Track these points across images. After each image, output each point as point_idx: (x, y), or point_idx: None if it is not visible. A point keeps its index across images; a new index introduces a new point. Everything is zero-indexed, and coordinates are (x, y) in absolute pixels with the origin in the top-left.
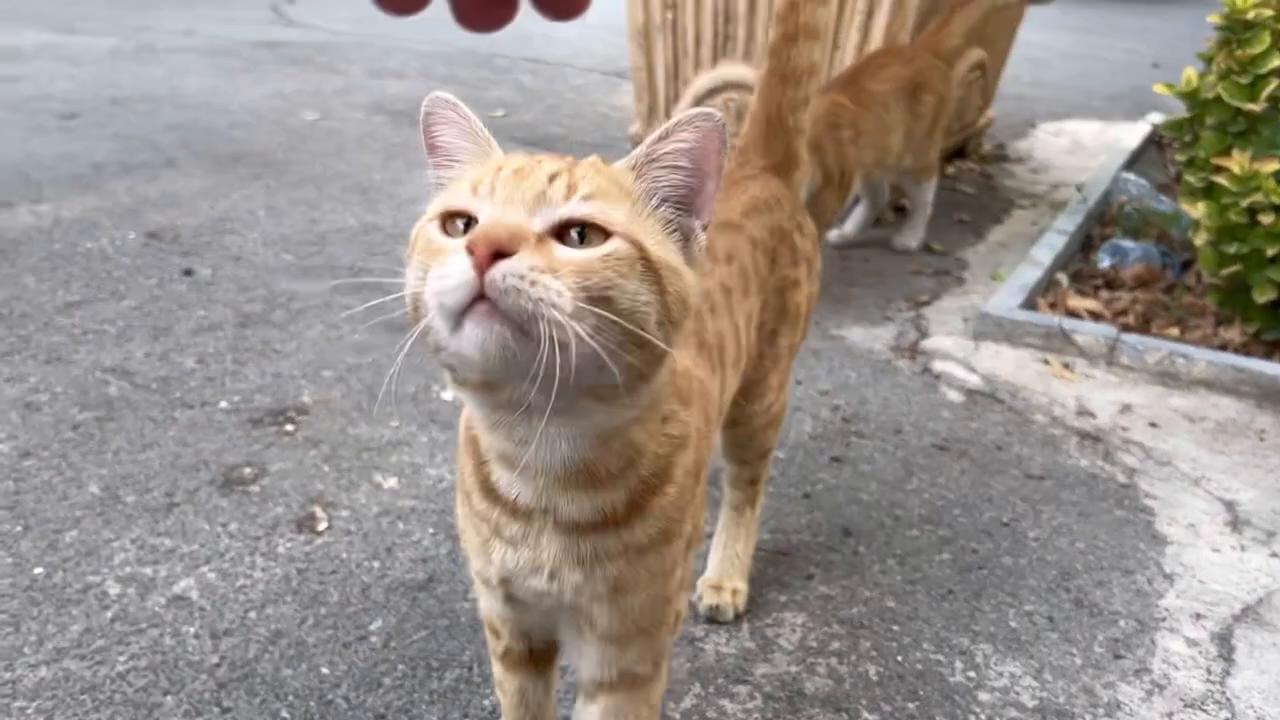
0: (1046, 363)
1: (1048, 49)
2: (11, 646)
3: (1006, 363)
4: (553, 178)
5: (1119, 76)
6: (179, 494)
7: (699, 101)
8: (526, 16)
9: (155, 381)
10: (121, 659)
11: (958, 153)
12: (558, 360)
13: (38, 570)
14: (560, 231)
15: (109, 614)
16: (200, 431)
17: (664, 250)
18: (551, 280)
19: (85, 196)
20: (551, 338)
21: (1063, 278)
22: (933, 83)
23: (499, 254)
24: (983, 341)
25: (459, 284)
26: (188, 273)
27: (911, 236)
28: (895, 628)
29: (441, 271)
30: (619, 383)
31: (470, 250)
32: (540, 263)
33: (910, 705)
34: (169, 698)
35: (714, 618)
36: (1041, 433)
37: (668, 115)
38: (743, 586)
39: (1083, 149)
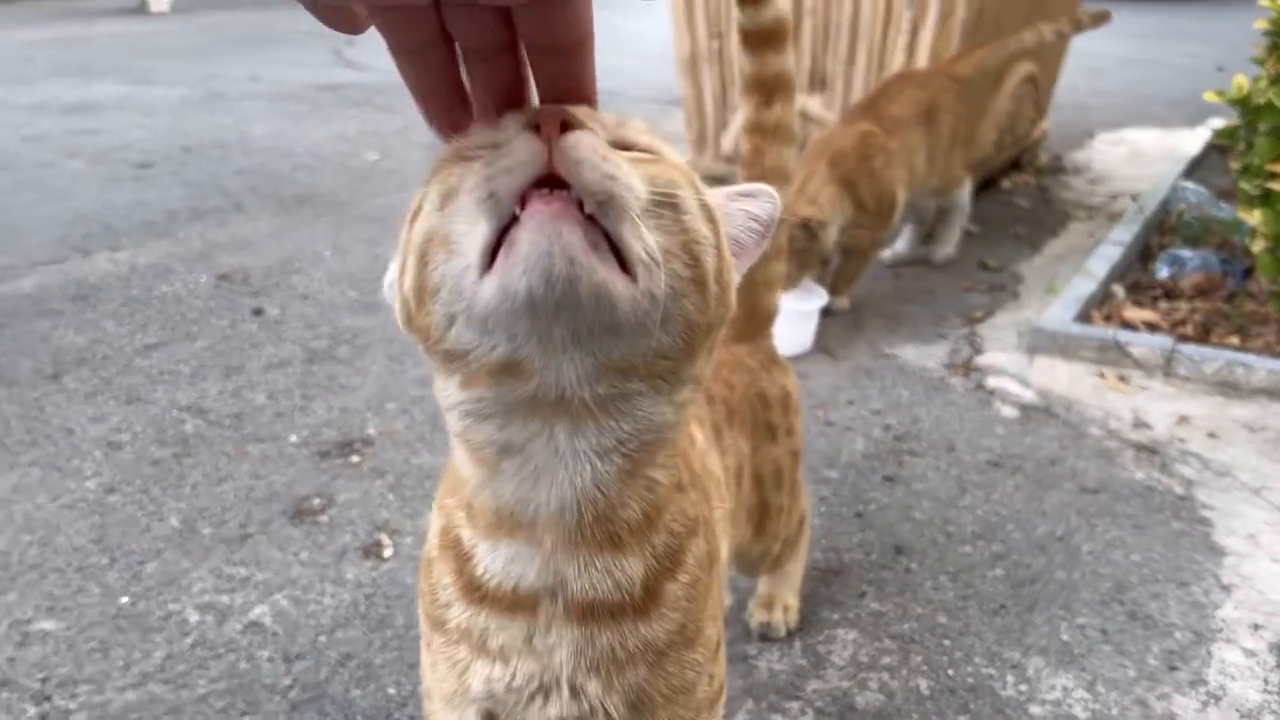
0: (1102, 376)
1: (1106, 56)
2: (101, 671)
3: (1061, 377)
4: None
5: (1180, 81)
6: (252, 525)
7: None
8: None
9: (228, 418)
10: (202, 682)
11: (1013, 166)
12: (623, 294)
13: (123, 599)
14: None
15: (189, 640)
16: (271, 464)
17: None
18: (623, 161)
19: (160, 243)
20: (627, 245)
21: (1119, 289)
22: (948, 103)
23: (568, 127)
24: (1037, 356)
25: (522, 159)
26: (257, 312)
27: (947, 245)
28: (947, 642)
29: (490, 157)
30: (673, 344)
31: (534, 126)
32: (607, 139)
33: (961, 718)
34: (246, 719)
35: (766, 635)
36: (1097, 446)
37: (717, 142)
38: (794, 603)
39: (1142, 157)
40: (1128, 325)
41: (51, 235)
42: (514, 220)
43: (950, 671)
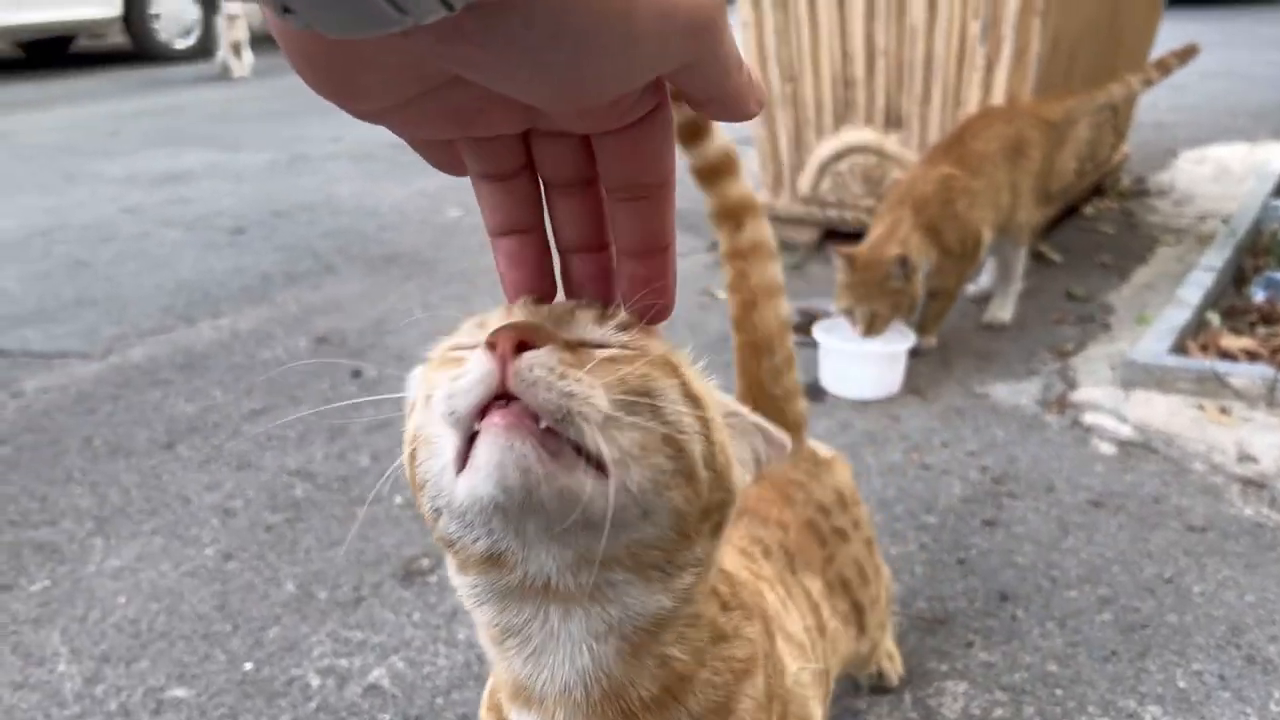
0: (1202, 408)
1: (1185, 70)
2: None
3: (1159, 410)
4: (583, 305)
5: (1265, 92)
6: (365, 588)
7: (824, 167)
8: None
9: (336, 481)
10: None
11: (1095, 191)
12: (589, 491)
13: (247, 666)
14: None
15: (313, 704)
16: (379, 526)
17: (705, 389)
18: (583, 375)
19: (258, 308)
20: (587, 455)
21: (1214, 317)
22: (1036, 140)
23: (524, 346)
24: (1133, 390)
25: (476, 379)
26: (356, 374)
27: (1004, 309)
28: (1059, 692)
29: (454, 373)
30: (661, 535)
31: (491, 345)
32: (570, 357)
33: None
34: None
35: (879, 686)
36: (1201, 482)
37: (794, 184)
38: (895, 650)
39: (1229, 175)
40: (1226, 355)
41: (157, 304)
42: (488, 411)
43: None
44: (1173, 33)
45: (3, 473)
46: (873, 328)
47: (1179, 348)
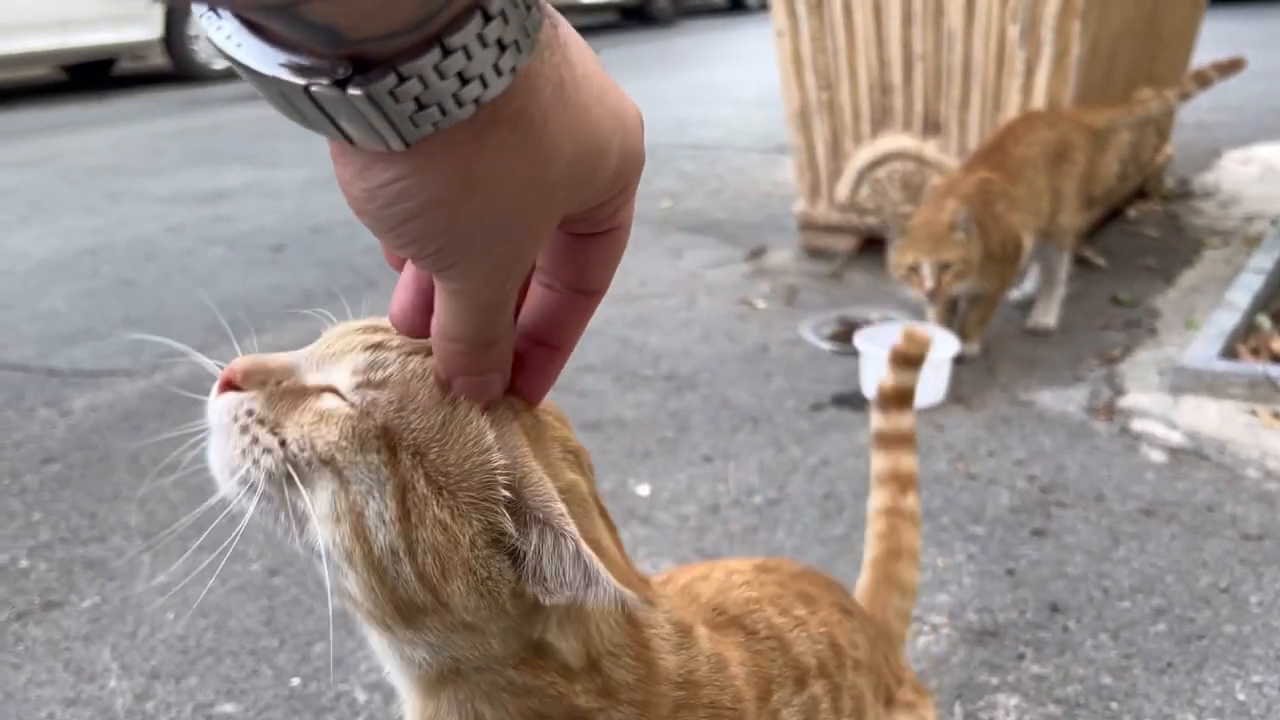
0: (1254, 413)
1: None
2: None
3: (1210, 417)
4: (377, 346)
5: None
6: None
7: (862, 175)
8: (682, 101)
9: None
10: None
11: (1138, 194)
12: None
13: (295, 681)
14: None
15: (360, 719)
16: None
17: (427, 485)
18: (264, 434)
19: (300, 324)
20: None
21: (1264, 320)
22: (1080, 144)
23: (229, 385)
24: (1182, 395)
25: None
26: None
27: (1047, 314)
28: (1114, 705)
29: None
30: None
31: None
32: (264, 412)
33: None
34: None
35: None
36: (1255, 489)
37: (831, 192)
38: None
39: (1275, 175)
40: (1277, 358)
41: (201, 322)
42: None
43: None
44: (1212, 32)
45: (54, 490)
46: (941, 286)
47: (1229, 352)
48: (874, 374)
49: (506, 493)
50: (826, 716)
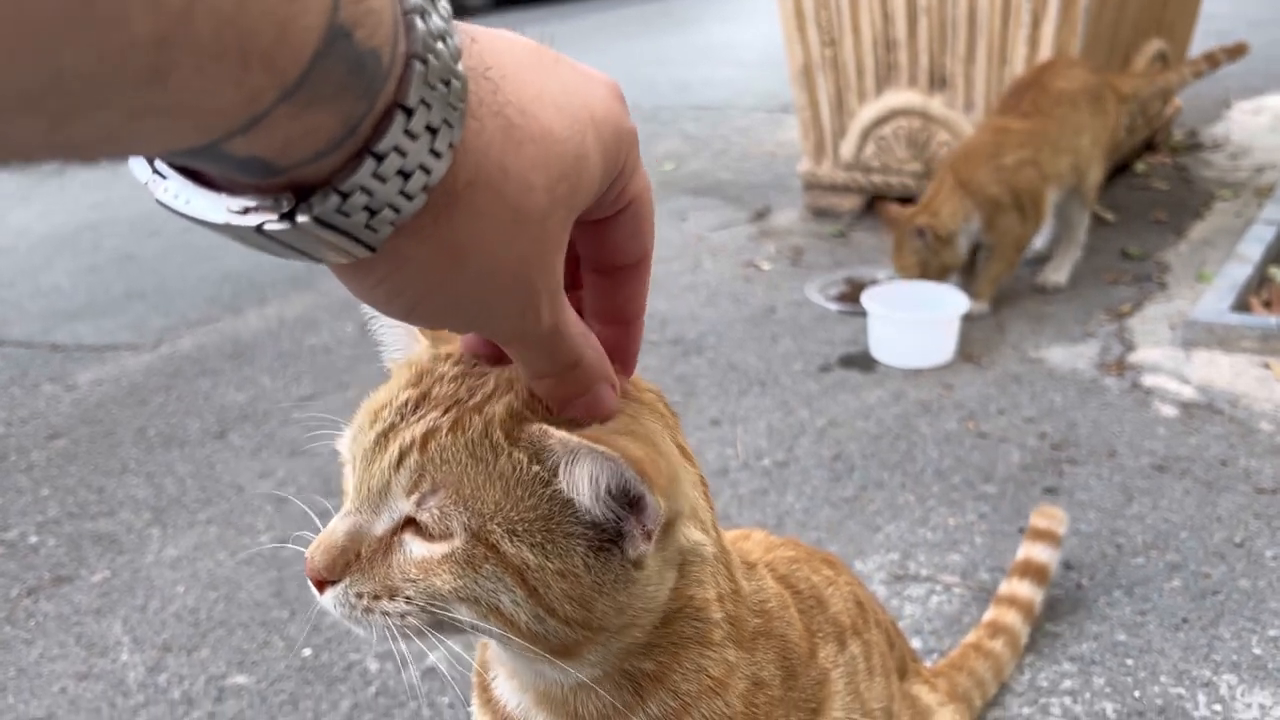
0: (1267, 366)
1: (1234, 17)
2: None
3: (1223, 370)
4: (402, 457)
5: None
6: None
7: (867, 133)
8: (685, 62)
9: None
10: None
11: (1146, 147)
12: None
13: (306, 652)
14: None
15: (372, 689)
16: None
17: (532, 552)
18: (388, 604)
19: (304, 295)
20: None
21: (1276, 272)
22: (1110, 97)
23: (323, 583)
24: (1194, 350)
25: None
26: None
27: (1061, 271)
28: (1129, 662)
29: (318, 537)
30: (532, 651)
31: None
32: (372, 586)
33: None
34: None
35: None
36: (1269, 442)
37: (836, 150)
38: None
39: None
40: None
41: (203, 295)
42: None
43: (1136, 693)
44: None
45: (61, 465)
46: (904, 273)
47: (1241, 305)
48: (883, 334)
49: (562, 487)
50: (863, 677)
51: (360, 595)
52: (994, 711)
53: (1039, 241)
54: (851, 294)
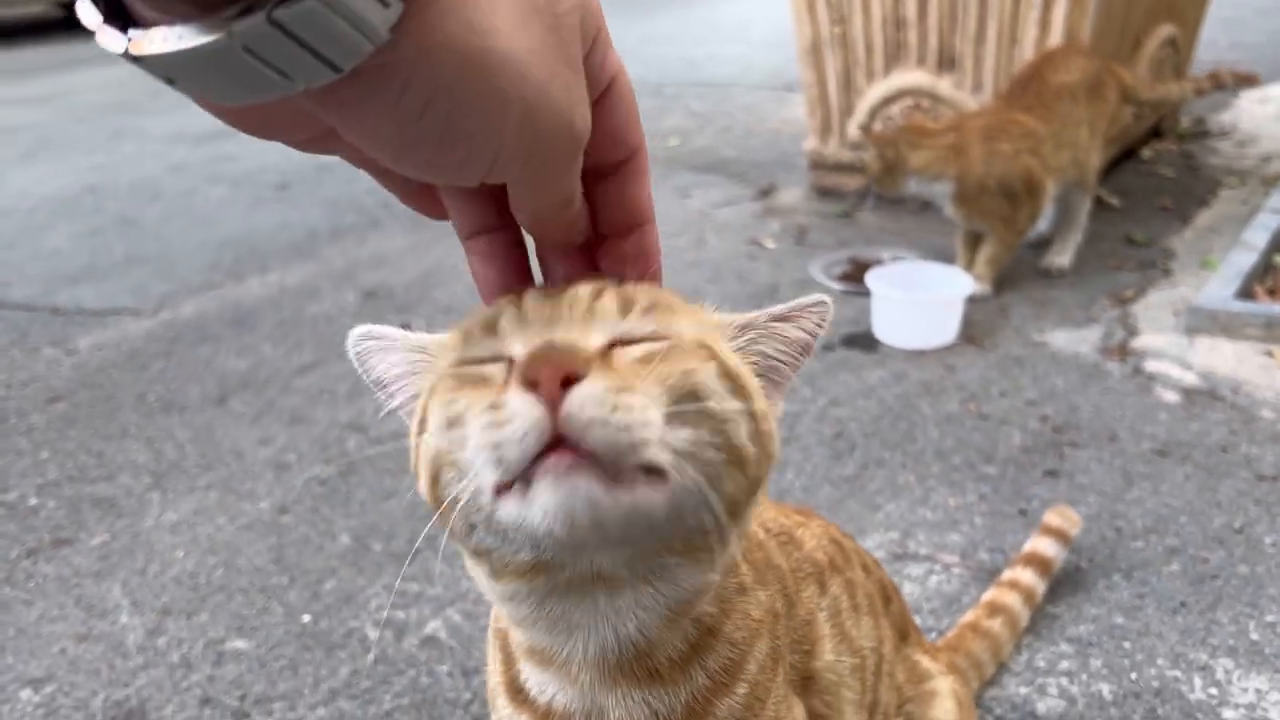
0: (1270, 354)
1: (1243, 5)
2: (293, 688)
3: (1225, 357)
4: (598, 294)
5: None
6: (420, 540)
7: (874, 111)
8: (691, 39)
9: (387, 435)
10: (387, 698)
11: (1153, 133)
12: (656, 503)
13: (305, 618)
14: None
15: (371, 656)
16: None
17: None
18: (634, 397)
19: (305, 263)
20: (651, 473)
21: None
22: (1111, 84)
23: (569, 380)
24: (1197, 336)
25: (525, 428)
26: (404, 328)
27: (1063, 254)
28: (1126, 644)
29: (492, 418)
30: (716, 524)
31: (532, 383)
32: (614, 381)
33: None
34: None
35: None
36: (1270, 430)
37: (842, 129)
38: None
39: None
40: None
41: (204, 261)
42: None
43: (1133, 675)
44: None
45: (61, 429)
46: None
47: (1245, 292)
48: (886, 314)
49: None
50: (848, 615)
51: (608, 389)
52: (991, 690)
53: (1042, 224)
54: (855, 274)
